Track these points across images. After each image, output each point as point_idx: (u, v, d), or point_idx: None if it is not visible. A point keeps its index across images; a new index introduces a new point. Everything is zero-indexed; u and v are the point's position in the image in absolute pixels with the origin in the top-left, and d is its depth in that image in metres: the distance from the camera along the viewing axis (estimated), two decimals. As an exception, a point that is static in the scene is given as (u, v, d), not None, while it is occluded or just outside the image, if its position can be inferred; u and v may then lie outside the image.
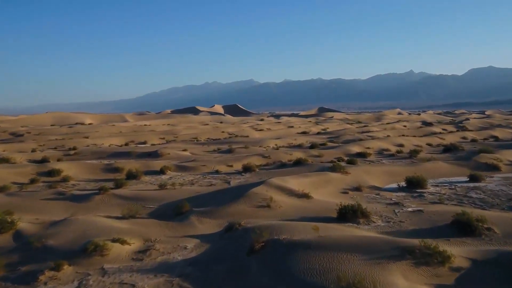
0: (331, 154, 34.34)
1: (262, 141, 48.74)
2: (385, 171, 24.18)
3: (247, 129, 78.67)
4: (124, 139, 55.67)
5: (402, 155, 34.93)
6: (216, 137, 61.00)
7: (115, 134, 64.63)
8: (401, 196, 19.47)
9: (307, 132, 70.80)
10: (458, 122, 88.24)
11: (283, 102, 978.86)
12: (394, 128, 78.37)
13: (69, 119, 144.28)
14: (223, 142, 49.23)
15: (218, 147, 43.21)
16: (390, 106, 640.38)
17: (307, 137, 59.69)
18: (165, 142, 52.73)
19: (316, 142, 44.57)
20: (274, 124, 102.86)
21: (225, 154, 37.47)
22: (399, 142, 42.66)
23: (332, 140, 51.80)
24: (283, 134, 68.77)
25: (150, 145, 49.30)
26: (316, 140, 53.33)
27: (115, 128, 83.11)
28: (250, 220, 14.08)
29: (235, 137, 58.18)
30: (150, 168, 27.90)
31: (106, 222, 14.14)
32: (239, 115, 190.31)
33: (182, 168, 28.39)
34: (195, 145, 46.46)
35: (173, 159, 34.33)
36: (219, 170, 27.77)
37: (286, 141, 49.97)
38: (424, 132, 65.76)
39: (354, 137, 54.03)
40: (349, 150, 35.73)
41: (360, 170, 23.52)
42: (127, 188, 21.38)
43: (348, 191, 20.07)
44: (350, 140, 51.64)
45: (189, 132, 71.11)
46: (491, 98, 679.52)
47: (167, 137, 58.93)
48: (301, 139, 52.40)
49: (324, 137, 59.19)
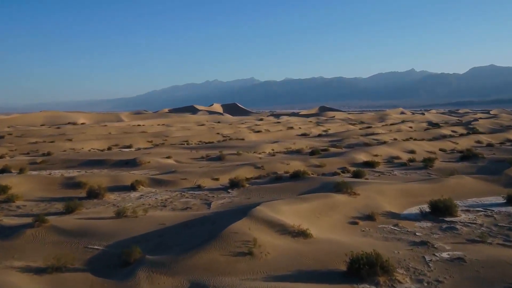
0: (334, 164, 29.94)
1: (257, 146, 44.36)
2: (401, 190, 19.76)
3: (244, 130, 74.32)
4: (108, 143, 51.27)
5: (416, 164, 30.53)
6: (209, 140, 56.59)
7: (102, 136, 60.29)
8: (427, 229, 15.10)
9: (307, 134, 66.43)
10: (467, 123, 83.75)
11: (284, 101, 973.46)
12: (400, 129, 73.94)
13: (61, 118, 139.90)
14: (215, 146, 44.87)
15: (207, 153, 38.85)
16: (391, 104, 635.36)
17: (307, 140, 55.33)
18: (152, 147, 48.34)
19: (317, 148, 40.18)
20: (273, 124, 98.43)
21: (214, 162, 33.10)
22: (409, 148, 38.21)
23: (334, 144, 47.40)
24: (281, 136, 64.38)
25: (135, 150, 44.99)
26: (317, 144, 48.94)
27: (105, 128, 78.81)
28: (222, 281, 9.72)
29: (229, 140, 53.79)
30: (120, 182, 23.52)
31: (14, 285, 9.74)
32: (238, 114, 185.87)
33: (158, 182, 24.00)
34: (183, 150, 42.08)
35: (152, 169, 29.96)
36: (202, 185, 23.39)
37: (284, 146, 45.58)
38: (433, 134, 61.33)
39: (359, 141, 49.63)
40: (355, 159, 31.31)
41: (371, 189, 19.10)
42: (79, 214, 17.05)
43: (357, 221, 15.66)
44: (354, 144, 47.25)
45: (181, 134, 66.77)
46: (493, 97, 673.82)
47: (156, 140, 54.55)
48: (300, 143, 48.01)
49: (326, 140, 54.78)
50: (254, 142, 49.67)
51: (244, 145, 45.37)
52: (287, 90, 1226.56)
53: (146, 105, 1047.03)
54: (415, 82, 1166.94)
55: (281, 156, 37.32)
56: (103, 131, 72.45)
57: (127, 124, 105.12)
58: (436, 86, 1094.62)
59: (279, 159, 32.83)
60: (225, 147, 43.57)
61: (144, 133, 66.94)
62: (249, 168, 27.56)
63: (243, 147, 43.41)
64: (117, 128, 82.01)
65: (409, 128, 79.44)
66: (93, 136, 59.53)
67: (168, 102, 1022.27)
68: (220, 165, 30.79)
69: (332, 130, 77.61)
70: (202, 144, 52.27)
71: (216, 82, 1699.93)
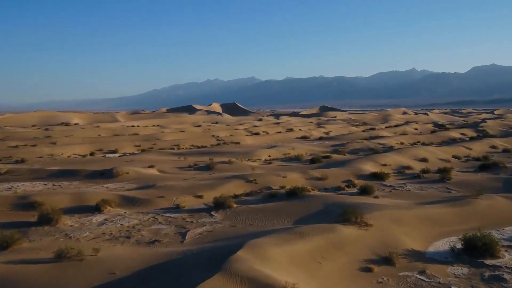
0: (337, 176, 26.18)
1: (253, 152, 40.61)
2: (422, 216, 16.04)
3: (241, 132, 70.58)
4: (92, 147, 47.51)
5: (431, 176, 26.77)
6: (202, 144, 52.83)
7: (89, 140, 56.54)
8: (464, 278, 11.41)
9: (307, 137, 62.66)
10: (475, 125, 79.88)
11: (284, 100, 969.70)
12: (405, 132, 70.12)
13: (55, 118, 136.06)
14: (207, 152, 41.10)
15: (197, 160, 35.12)
16: (393, 104, 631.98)
17: (308, 143, 51.61)
18: (138, 152, 44.51)
19: (317, 154, 36.42)
20: (272, 125, 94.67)
21: (202, 173, 29.37)
22: (421, 156, 34.42)
23: (337, 149, 43.65)
24: (280, 139, 60.58)
25: (118, 156, 41.28)
26: (317, 149, 45.17)
27: (96, 130, 75.04)
28: None
29: (223, 145, 50.01)
30: (84, 201, 19.80)
31: None
32: (237, 114, 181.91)
33: (130, 201, 20.28)
34: (171, 157, 38.33)
35: (129, 181, 26.23)
36: (181, 205, 19.67)
37: (282, 151, 41.81)
38: (441, 137, 57.56)
39: (363, 146, 45.85)
40: (361, 170, 27.54)
41: (385, 216, 15.37)
42: (14, 252, 13.36)
43: (372, 266, 11.94)
44: (358, 150, 43.50)
45: (174, 137, 63.03)
46: (494, 96, 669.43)
47: (145, 144, 50.77)
48: (300, 148, 44.25)
49: (327, 144, 51.02)
50: (249, 147, 45.91)
51: (239, 150, 41.61)
52: (288, 89, 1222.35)
53: (146, 104, 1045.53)
54: (416, 81, 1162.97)
55: (278, 164, 33.61)
56: (93, 133, 68.72)
57: (121, 125, 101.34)
58: (437, 85, 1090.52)
59: (275, 170, 29.09)
60: (217, 153, 39.83)
61: (135, 136, 63.23)
62: (240, 182, 23.83)
63: (237, 153, 39.68)
64: (109, 130, 78.32)
65: (415, 130, 75.67)
66: (79, 139, 55.80)
67: (168, 101, 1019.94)
68: (207, 176, 27.06)
69: (333, 132, 73.83)
70: (194, 148, 48.51)
71: (217, 81, 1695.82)
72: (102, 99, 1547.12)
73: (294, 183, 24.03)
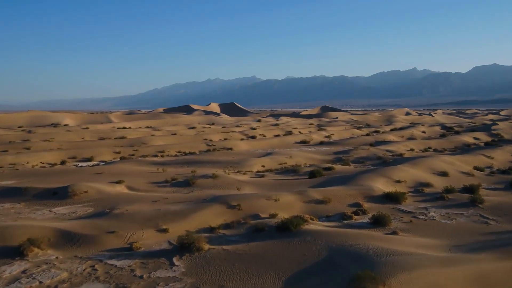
0: (342, 197, 21.22)
1: (245, 161, 35.62)
2: (471, 279, 11.05)
3: (236, 136, 65.59)
4: (66, 154, 42.47)
5: (457, 197, 21.77)
6: (190, 150, 47.79)
7: (68, 145, 51.54)
8: None
9: (307, 142, 57.59)
10: (486, 128, 74.77)
11: (285, 99, 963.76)
12: (413, 136, 65.05)
13: (46, 119, 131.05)
14: (192, 161, 36.00)
15: (177, 172, 30.13)
16: (394, 103, 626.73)
17: (307, 150, 46.65)
18: (113, 161, 39.37)
19: (318, 166, 31.41)
20: (270, 127, 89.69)
21: (179, 190, 24.41)
22: (439, 168, 29.38)
23: (340, 158, 38.66)
24: (277, 144, 55.57)
25: (91, 166, 36.32)
26: (318, 157, 40.18)
27: (83, 132, 70.01)
28: None
29: (212, 152, 44.95)
30: (6, 240, 14.87)
31: None
32: (236, 114, 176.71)
33: (68, 238, 15.34)
34: (149, 168, 33.32)
35: (86, 203, 21.28)
36: (136, 246, 14.73)
37: (277, 160, 36.82)
38: (454, 142, 52.55)
39: (369, 154, 40.83)
40: (371, 189, 22.56)
41: (418, 283, 10.39)
42: None
43: None
44: (365, 158, 38.47)
45: (162, 141, 58.05)
46: (496, 96, 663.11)
47: (126, 151, 45.70)
48: (298, 156, 39.25)
49: (329, 151, 46.05)
50: (241, 156, 40.89)
51: (229, 160, 36.54)
52: (289, 88, 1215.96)
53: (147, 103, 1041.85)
54: (417, 81, 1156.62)
55: (271, 178, 28.62)
56: (77, 137, 63.71)
57: (112, 126, 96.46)
58: (438, 85, 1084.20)
59: (267, 186, 24.13)
60: (203, 163, 34.82)
61: (120, 140, 58.24)
62: (220, 208, 18.87)
63: (226, 163, 34.68)
64: (96, 132, 73.37)
65: (423, 133, 70.63)
66: (57, 144, 50.77)
67: (169, 100, 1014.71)
68: (183, 196, 22.10)
69: (335, 135, 68.80)
70: (180, 155, 43.51)
71: (217, 81, 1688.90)
72: (102, 98, 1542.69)
73: (288, 210, 19.12)
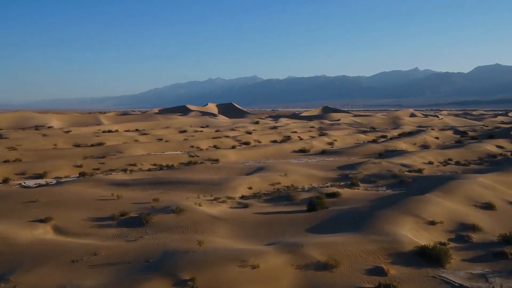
0: (355, 258, 14.19)
1: (228, 181, 28.56)
2: None
3: (227, 142, 58.55)
4: (15, 168, 35.42)
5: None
6: (169, 161, 40.67)
7: (28, 155, 44.55)
8: None
9: (307, 151, 50.50)
10: (505, 133, 67.58)
11: (286, 99, 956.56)
12: (426, 142, 57.91)
13: (31, 120, 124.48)
14: (162, 182, 28.88)
15: (135, 202, 23.07)
16: (395, 103, 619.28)
17: (306, 164, 39.63)
18: (68, 179, 32.12)
19: (320, 192, 24.30)
20: (267, 131, 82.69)
21: (122, 234, 17.40)
22: (480, 197, 22.15)
23: (347, 175, 31.59)
24: (272, 153, 48.51)
25: (35, 187, 29.25)
26: (319, 173, 33.10)
27: (57, 138, 63.07)
28: None
29: (193, 166, 37.73)
30: None
31: None
32: (234, 115, 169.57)
33: None
34: (106, 190, 26.24)
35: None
36: None
37: (269, 179, 29.75)
38: (476, 152, 45.49)
39: (381, 170, 33.68)
40: (396, 240, 15.49)
41: None
42: None
43: None
44: (377, 177, 31.30)
45: (142, 149, 51.06)
46: (498, 96, 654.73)
47: (92, 163, 38.55)
48: (295, 173, 32.18)
49: (332, 163, 39.05)
50: (227, 171, 33.80)
51: (208, 180, 29.32)
52: (290, 88, 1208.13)
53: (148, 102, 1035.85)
54: (419, 81, 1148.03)
55: (257, 209, 21.55)
56: (49, 143, 56.74)
57: (98, 129, 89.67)
58: (440, 85, 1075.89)
59: (246, 232, 17.11)
60: (175, 185, 27.77)
61: (96, 148, 51.24)
62: (164, 285, 11.85)
63: (204, 184, 27.64)
64: (75, 137, 66.54)
65: (435, 139, 63.54)
66: (17, 154, 43.88)
67: (170, 100, 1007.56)
68: (121, 250, 15.10)
69: (339, 141, 61.73)
70: (155, 169, 36.48)
71: (218, 80, 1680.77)
72: (103, 98, 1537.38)
73: (273, 284, 12.11)
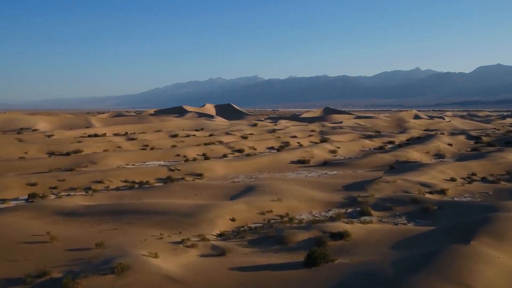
0: None
1: (206, 210, 22.47)
2: None
3: (218, 150, 52.51)
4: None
5: None
6: (144, 177, 34.47)
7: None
8: None
9: (307, 162, 44.42)
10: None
11: (287, 99, 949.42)
12: (440, 151, 51.72)
13: (18, 122, 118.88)
14: (121, 211, 22.61)
15: (68, 248, 17.00)
16: (397, 103, 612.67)
17: (306, 181, 33.56)
18: (17, 200, 25.99)
19: (323, 232, 18.19)
20: (265, 135, 76.64)
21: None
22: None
23: (355, 199, 25.48)
24: (267, 165, 42.38)
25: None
26: (321, 197, 26.96)
27: (35, 144, 57.09)
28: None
29: (169, 184, 31.53)
30: None
31: None
32: (232, 116, 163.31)
33: None
34: (42, 225, 20.16)
35: None
36: None
37: (259, 206, 23.64)
38: (503, 165, 39.40)
39: (396, 189, 27.55)
40: None
41: None
42: None
43: None
44: (392, 201, 25.13)
45: (121, 158, 45.03)
46: (500, 97, 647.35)
47: (50, 181, 32.32)
48: (291, 196, 26.09)
49: (337, 180, 32.98)
50: (207, 194, 27.74)
51: (178, 210, 23.12)
52: (291, 88, 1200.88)
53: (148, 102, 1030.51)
54: (421, 81, 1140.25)
55: (233, 265, 15.44)
56: (20, 150, 50.76)
57: (83, 133, 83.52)
58: (441, 85, 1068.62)
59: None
60: (135, 216, 21.69)
61: (64, 158, 45.26)
62: None
63: (173, 216, 21.54)
64: (55, 142, 60.79)
65: (449, 146, 57.40)
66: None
67: (171, 99, 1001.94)
68: None
69: (342, 148, 55.63)
70: (123, 189, 30.42)
71: (219, 80, 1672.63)
72: (104, 97, 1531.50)
73: None
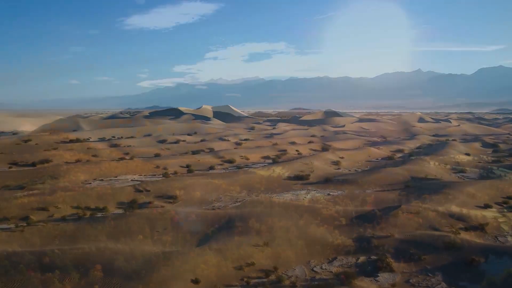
0: None
1: (160, 267, 16.09)
2: None
3: (206, 161, 46.12)
4: None
5: None
6: (103, 202, 28.03)
7: None
8: None
9: (305, 178, 37.91)
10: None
11: (289, 100, 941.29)
12: (459, 164, 45.22)
13: (1, 125, 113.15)
14: (37, 266, 16.19)
15: None
16: (398, 105, 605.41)
17: (303, 208, 27.17)
18: None
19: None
20: (261, 141, 70.17)
21: None
22: None
23: (368, 240, 19.07)
24: (258, 182, 35.85)
25: None
26: (323, 237, 20.53)
27: (2, 153, 50.80)
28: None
29: (130, 214, 25.09)
30: None
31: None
32: (230, 118, 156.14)
33: None
34: None
35: None
36: None
37: (235, 258, 17.17)
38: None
39: (424, 229, 21.18)
40: None
41: None
42: None
43: None
44: (418, 245, 18.79)
45: (88, 173, 38.70)
46: (502, 99, 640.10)
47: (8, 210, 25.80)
48: (282, 233, 19.70)
49: (341, 203, 26.56)
50: (170, 235, 21.36)
51: (125, 269, 16.68)
52: (292, 89, 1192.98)
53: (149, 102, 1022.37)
54: (422, 83, 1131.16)
55: None
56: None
57: (65, 137, 77.11)
58: (443, 86, 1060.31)
59: None
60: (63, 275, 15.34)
61: (26, 172, 38.95)
62: None
63: (117, 274, 15.20)
64: (26, 149, 54.69)
65: (467, 156, 50.91)
66: None
67: (172, 99, 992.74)
68: None
69: (346, 159, 49.23)
70: (69, 219, 23.98)
71: (221, 80, 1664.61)
72: (105, 97, 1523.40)
73: None
